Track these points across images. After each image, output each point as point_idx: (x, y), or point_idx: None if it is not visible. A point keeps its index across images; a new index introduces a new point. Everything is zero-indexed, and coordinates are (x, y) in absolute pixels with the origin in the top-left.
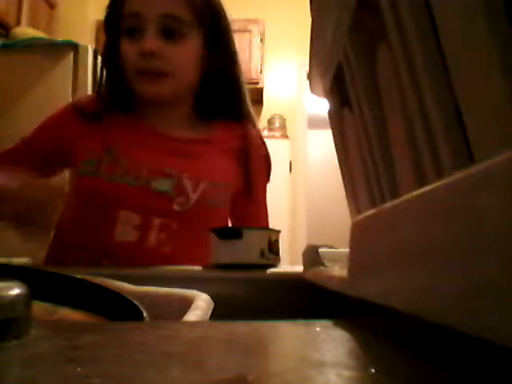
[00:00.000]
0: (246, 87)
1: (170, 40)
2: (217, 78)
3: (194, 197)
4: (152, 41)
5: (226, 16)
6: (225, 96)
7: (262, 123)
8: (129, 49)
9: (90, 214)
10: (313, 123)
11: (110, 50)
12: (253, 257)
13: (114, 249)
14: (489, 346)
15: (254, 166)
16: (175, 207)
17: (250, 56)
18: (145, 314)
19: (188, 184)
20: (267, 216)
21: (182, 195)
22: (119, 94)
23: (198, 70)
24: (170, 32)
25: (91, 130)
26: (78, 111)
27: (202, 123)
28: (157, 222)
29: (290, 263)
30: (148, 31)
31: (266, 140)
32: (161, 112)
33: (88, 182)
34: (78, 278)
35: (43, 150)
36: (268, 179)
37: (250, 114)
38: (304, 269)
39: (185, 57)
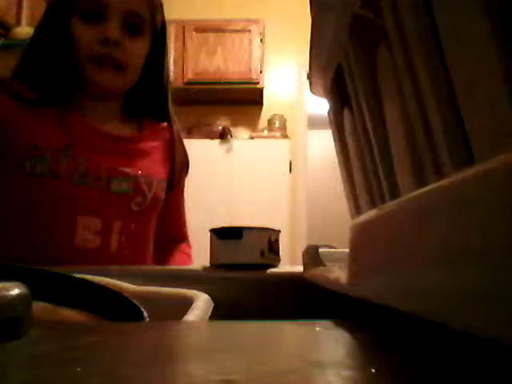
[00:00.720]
0: (171, 95)
1: (130, 34)
2: (150, 78)
3: (149, 195)
4: (117, 31)
5: (165, 25)
6: (153, 96)
7: (262, 123)
8: (85, 33)
9: (44, 220)
10: (313, 123)
11: (54, 31)
12: (253, 257)
13: (75, 256)
14: (489, 346)
15: (177, 165)
16: (133, 207)
17: (250, 56)
18: (145, 314)
19: (144, 183)
20: (185, 220)
21: (139, 195)
22: (54, 82)
23: (142, 65)
24: (131, 27)
25: (30, 123)
26: (15, 96)
27: (130, 120)
28: (117, 224)
29: (290, 263)
30: (112, 21)
31: (265, 140)
32: (96, 105)
33: (41, 183)
34: (78, 278)
35: None
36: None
37: (172, 115)
38: (304, 269)
39: (140, 52)
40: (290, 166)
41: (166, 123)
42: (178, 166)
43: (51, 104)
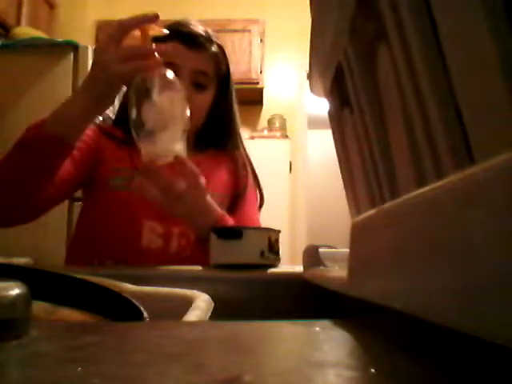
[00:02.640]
0: (239, 122)
1: (197, 89)
2: (216, 116)
3: None
4: (186, 89)
5: (230, 69)
6: (219, 131)
7: (261, 123)
8: None
9: (118, 223)
10: (313, 123)
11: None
12: (253, 257)
13: (140, 255)
14: (489, 346)
15: (241, 185)
16: None
17: (250, 56)
18: (145, 314)
19: None
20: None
21: None
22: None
23: (208, 111)
24: (198, 83)
25: (118, 152)
26: (107, 134)
27: (198, 151)
28: (176, 230)
29: (290, 263)
30: (182, 79)
31: (265, 140)
32: None
33: (119, 195)
34: (78, 278)
35: (83, 170)
36: (256, 197)
37: (241, 145)
38: (304, 269)
39: (204, 104)
40: (290, 166)
41: (230, 153)
42: (241, 185)
43: (132, 143)
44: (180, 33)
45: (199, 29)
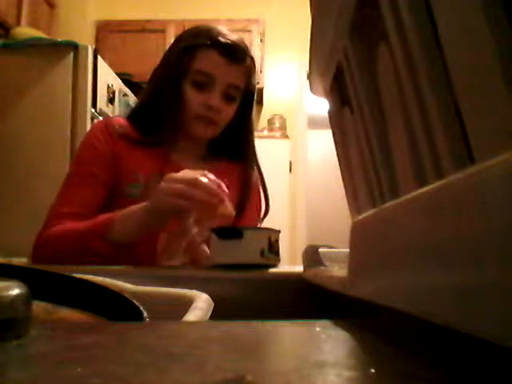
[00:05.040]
0: (255, 135)
1: (226, 101)
2: (235, 126)
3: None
4: (219, 100)
5: (255, 83)
6: (235, 141)
7: (261, 123)
8: (195, 98)
9: None
10: (313, 123)
11: (170, 93)
12: (253, 257)
13: (155, 263)
14: (489, 346)
15: (250, 204)
16: None
17: None
18: (145, 314)
19: None
20: None
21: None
22: (157, 128)
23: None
24: (228, 95)
25: (133, 155)
26: (123, 137)
27: (211, 159)
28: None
29: (289, 263)
30: (216, 91)
31: (265, 140)
32: (186, 146)
33: (134, 202)
34: (78, 278)
35: (109, 180)
36: (261, 214)
37: (254, 156)
38: (304, 269)
39: (229, 115)
40: (290, 166)
41: (243, 165)
42: (244, 202)
43: (150, 145)
44: (219, 43)
45: (235, 38)
